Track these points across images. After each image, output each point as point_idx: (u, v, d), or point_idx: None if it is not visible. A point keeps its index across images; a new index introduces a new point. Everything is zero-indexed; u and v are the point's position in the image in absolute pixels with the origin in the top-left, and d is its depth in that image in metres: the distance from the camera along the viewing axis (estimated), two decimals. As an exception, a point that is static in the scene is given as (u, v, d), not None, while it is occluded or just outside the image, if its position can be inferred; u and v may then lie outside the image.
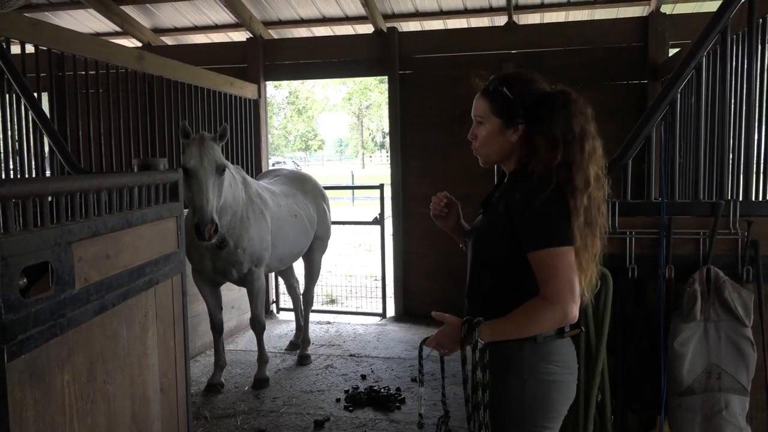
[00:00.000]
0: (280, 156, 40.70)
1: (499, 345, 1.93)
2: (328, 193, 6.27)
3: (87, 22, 7.48)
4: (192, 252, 4.73)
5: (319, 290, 8.21)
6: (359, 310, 7.64)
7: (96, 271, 2.24)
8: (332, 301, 8.33)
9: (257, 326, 5.05)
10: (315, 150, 43.45)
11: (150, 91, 5.54)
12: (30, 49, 4.25)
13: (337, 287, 8.57)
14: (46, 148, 3.80)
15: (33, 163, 3.81)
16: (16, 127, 3.73)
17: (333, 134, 44.81)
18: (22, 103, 3.26)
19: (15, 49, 4.17)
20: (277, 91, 34.13)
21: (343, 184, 20.82)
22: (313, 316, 7.19)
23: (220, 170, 4.15)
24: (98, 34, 7.62)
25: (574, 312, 1.85)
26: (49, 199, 2.04)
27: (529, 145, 1.98)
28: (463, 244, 2.38)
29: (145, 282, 2.63)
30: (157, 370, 2.76)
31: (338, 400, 4.79)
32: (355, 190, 18.74)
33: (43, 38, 4.17)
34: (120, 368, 2.42)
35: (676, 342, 2.61)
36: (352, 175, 25.42)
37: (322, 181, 6.37)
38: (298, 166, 35.68)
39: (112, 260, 2.37)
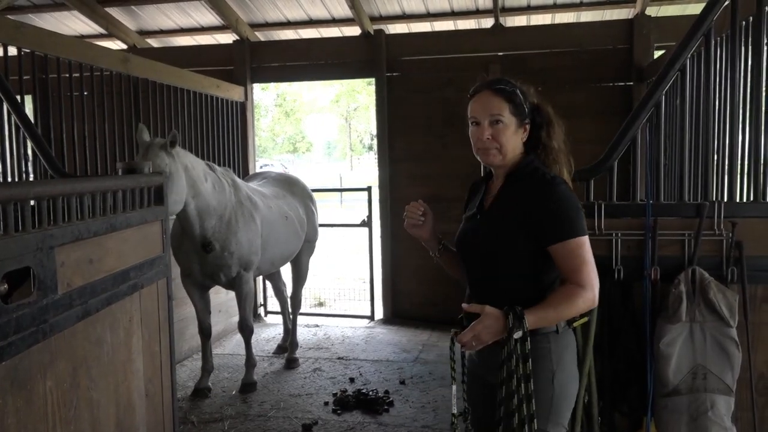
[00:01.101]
0: (268, 158, 40.52)
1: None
2: (315, 195, 6.25)
3: (72, 24, 7.42)
4: (180, 256, 4.70)
5: (308, 293, 8.18)
6: (347, 313, 7.61)
7: (79, 276, 2.21)
8: (321, 304, 8.31)
9: (245, 330, 5.02)
10: (303, 152, 43.35)
11: (135, 94, 5.50)
12: (13, 51, 4.21)
13: (325, 290, 8.56)
14: (29, 152, 3.75)
15: (15, 166, 3.75)
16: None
17: (321, 136, 44.69)
18: (4, 107, 3.22)
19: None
20: (264, 94, 34.00)
21: (331, 186, 20.76)
22: (301, 319, 7.15)
23: None
24: (83, 37, 7.56)
25: (598, 295, 1.95)
26: (31, 203, 2.01)
27: (539, 145, 2.13)
28: (436, 253, 2.40)
29: (129, 286, 2.60)
30: (142, 375, 2.73)
31: (326, 404, 4.77)
32: (344, 193, 18.70)
33: (27, 40, 4.13)
34: (104, 374, 2.39)
35: (662, 343, 2.62)
36: (341, 178, 25.39)
37: (310, 184, 6.35)
38: (286, 168, 35.54)
39: (96, 265, 2.34)
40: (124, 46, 7.44)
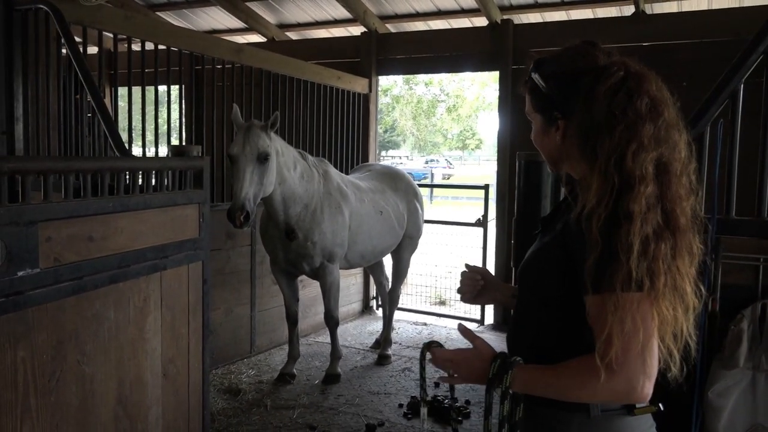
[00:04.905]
0: (437, 154, 40.85)
1: (538, 408, 1.47)
2: (434, 192, 6.07)
3: (220, 19, 7.92)
4: (266, 242, 4.81)
5: (430, 291, 8.03)
6: (462, 315, 7.32)
7: (73, 252, 2.27)
8: (442, 303, 8.10)
9: (330, 321, 5.02)
10: (473, 149, 43.09)
11: (270, 86, 5.73)
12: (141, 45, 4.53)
13: (447, 290, 8.33)
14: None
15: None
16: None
17: (491, 133, 44.08)
18: (85, 90, 3.49)
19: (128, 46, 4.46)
20: (428, 90, 34.31)
21: (483, 183, 20.25)
22: (411, 316, 7.05)
23: (262, 158, 4.11)
24: (230, 30, 8.05)
25: (647, 388, 1.32)
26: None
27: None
28: (513, 310, 1.94)
29: (146, 267, 2.64)
30: (159, 355, 2.77)
31: (401, 406, 4.61)
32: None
33: (136, 30, 4.41)
34: (103, 350, 2.45)
35: (712, 391, 2.11)
36: (496, 175, 24.81)
37: (465, 180, 6.20)
38: (451, 165, 35.56)
39: (99, 243, 2.39)
40: (264, 39, 7.78)
